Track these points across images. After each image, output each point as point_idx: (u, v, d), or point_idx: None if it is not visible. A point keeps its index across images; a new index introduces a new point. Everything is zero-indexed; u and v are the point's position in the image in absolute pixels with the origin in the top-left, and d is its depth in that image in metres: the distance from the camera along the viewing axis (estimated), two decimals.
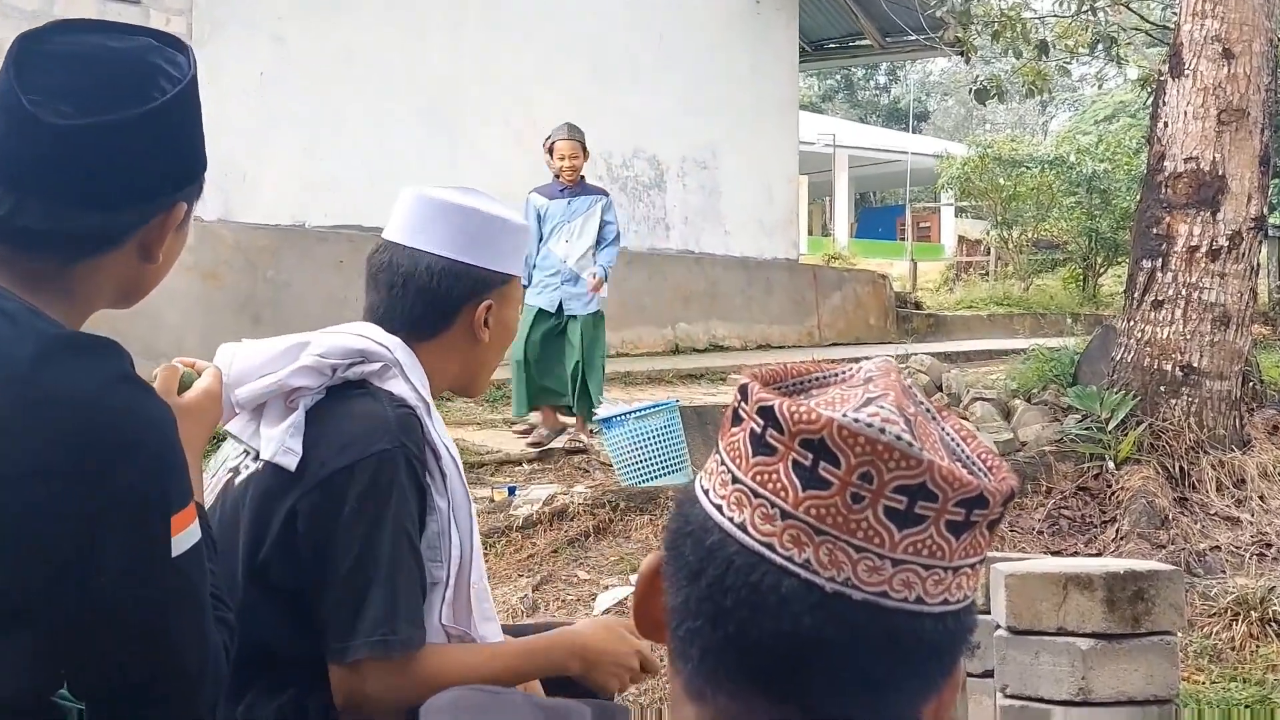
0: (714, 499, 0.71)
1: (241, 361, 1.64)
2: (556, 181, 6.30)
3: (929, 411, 0.75)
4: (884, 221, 29.57)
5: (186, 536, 1.18)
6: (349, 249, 8.67)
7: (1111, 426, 5.30)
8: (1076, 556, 4.63)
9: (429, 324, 1.74)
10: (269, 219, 9.09)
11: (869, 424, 0.67)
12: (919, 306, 15.34)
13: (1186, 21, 5.53)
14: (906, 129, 32.37)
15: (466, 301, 1.75)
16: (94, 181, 1.18)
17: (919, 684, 0.70)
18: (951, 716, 0.74)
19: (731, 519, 0.70)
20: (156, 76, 1.22)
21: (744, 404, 0.71)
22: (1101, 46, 8.73)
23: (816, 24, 14.34)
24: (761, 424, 0.69)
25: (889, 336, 13.30)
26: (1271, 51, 5.57)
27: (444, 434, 1.70)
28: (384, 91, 9.67)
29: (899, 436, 0.67)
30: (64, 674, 1.11)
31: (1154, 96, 5.91)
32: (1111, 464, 5.22)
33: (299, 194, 9.24)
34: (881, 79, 44.46)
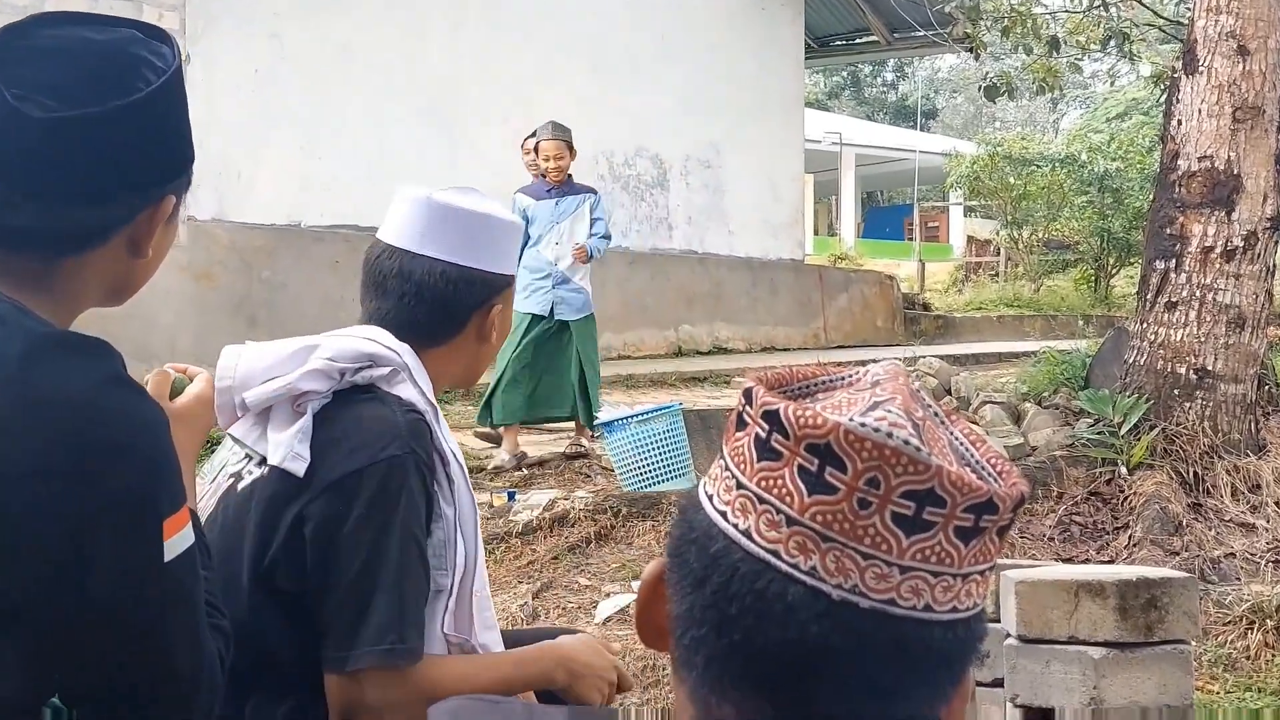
0: (718, 505, 0.72)
1: (247, 364, 1.64)
2: (543, 181, 6.17)
3: (937, 415, 0.75)
4: (891, 221, 29.58)
5: (179, 540, 1.18)
6: (346, 249, 8.67)
7: (1124, 431, 5.30)
8: (1088, 563, 4.62)
9: (441, 331, 1.76)
10: (264, 218, 9.08)
11: (876, 428, 0.67)
12: (927, 308, 15.35)
13: (1201, 17, 5.52)
14: (914, 127, 32.40)
15: (478, 307, 1.77)
16: (80, 175, 1.18)
17: (927, 693, 0.70)
18: None
19: (736, 525, 0.70)
20: (140, 68, 1.22)
21: (749, 408, 0.72)
22: (1114, 42, 8.73)
23: (822, 19, 14.34)
24: (766, 428, 0.70)
25: (896, 338, 13.31)
26: None
27: (450, 439, 1.70)
28: (383, 90, 9.67)
29: (906, 441, 0.67)
30: (58, 677, 1.11)
31: (1167, 94, 5.90)
32: (1124, 469, 5.21)
33: (295, 193, 9.24)
34: (889, 76, 44.49)
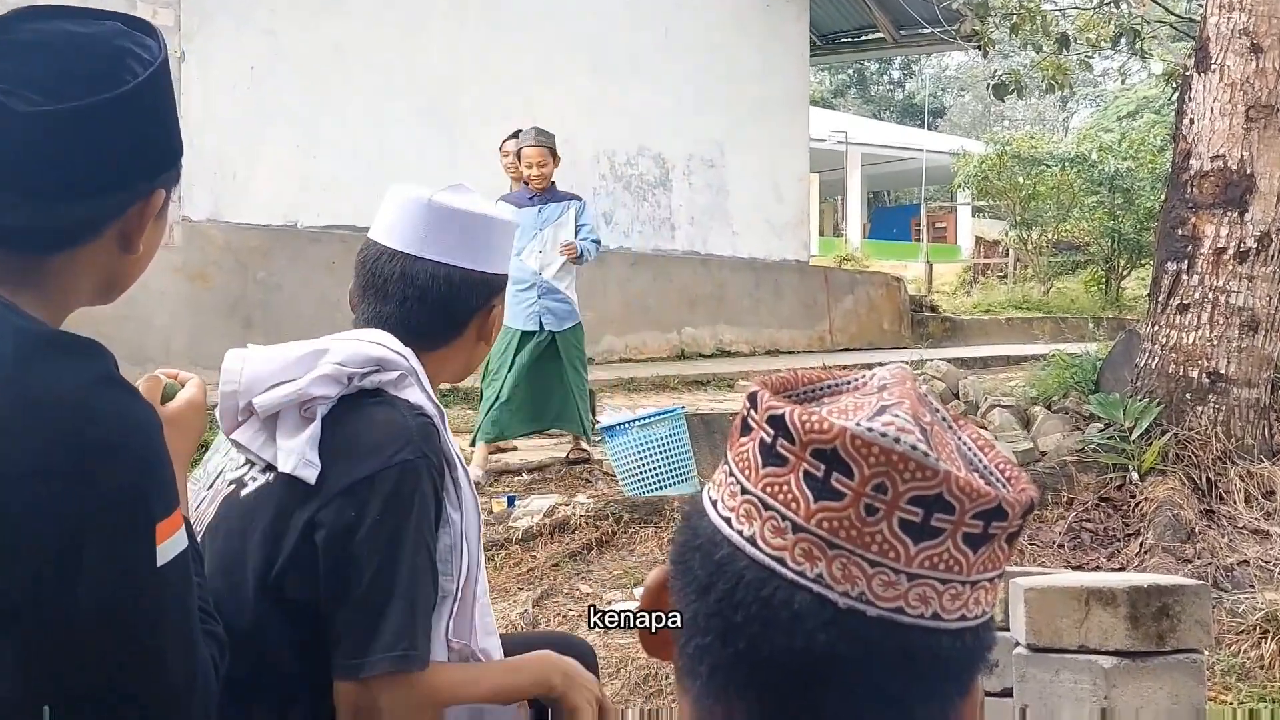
0: (723, 511, 0.72)
1: (253, 369, 1.63)
2: (525, 189, 6.09)
3: (945, 420, 0.75)
4: (898, 222, 29.60)
5: (172, 544, 1.18)
6: (343, 250, 8.67)
7: (1135, 436, 5.29)
8: (1099, 571, 4.62)
9: (443, 334, 1.77)
10: (260, 219, 9.09)
11: (883, 433, 0.67)
12: (935, 310, 15.36)
13: (1213, 14, 5.52)
14: (922, 125, 32.41)
15: (480, 309, 1.79)
16: (68, 170, 1.18)
17: (935, 703, 0.70)
18: None
19: (741, 532, 0.70)
20: (126, 60, 1.22)
21: (753, 412, 0.72)
22: (1125, 40, 8.73)
23: (828, 16, 14.35)
24: (772, 433, 0.70)
25: (903, 341, 13.32)
26: None
27: (454, 444, 1.70)
28: (381, 88, 9.68)
29: (914, 446, 0.67)
30: (55, 679, 1.12)
31: (1179, 92, 5.90)
32: (1135, 474, 5.21)
33: (291, 193, 9.25)
34: (896, 74, 44.51)
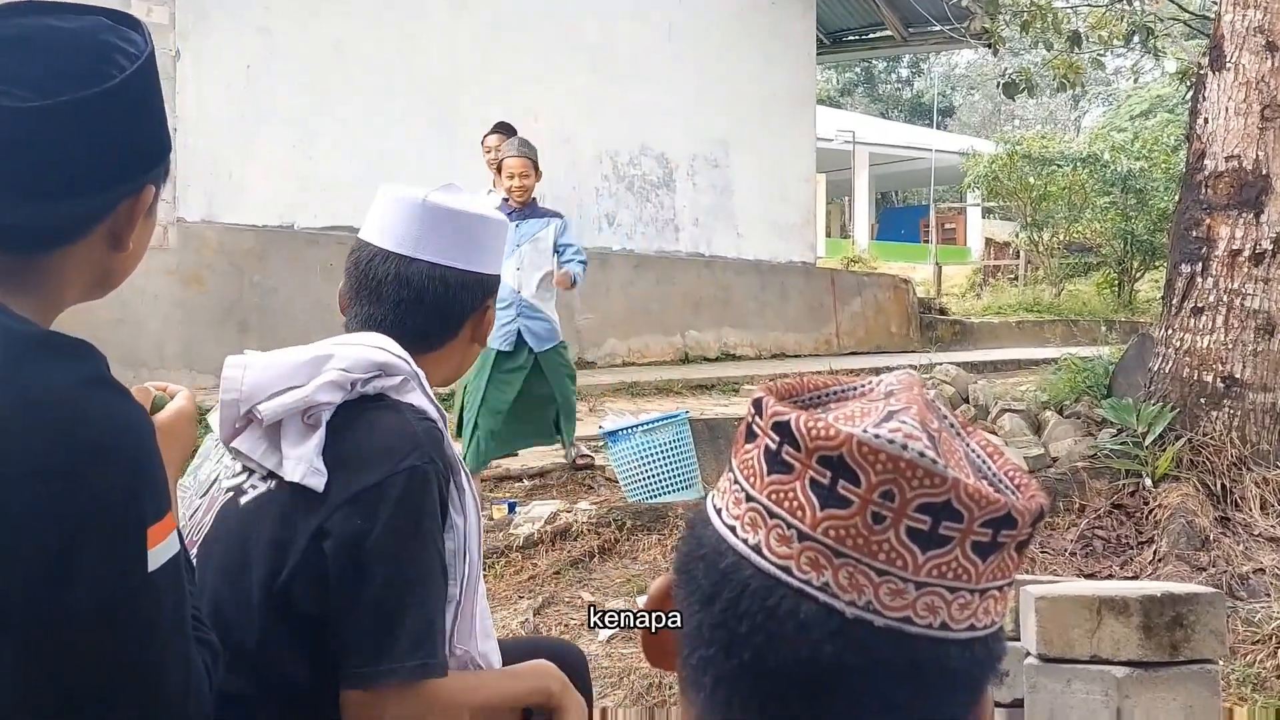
0: (727, 519, 0.72)
1: (254, 376, 1.63)
2: (505, 203, 5.98)
3: (954, 426, 0.75)
4: (907, 223, 29.61)
5: (164, 550, 1.18)
6: (340, 252, 8.63)
7: (1148, 441, 5.28)
8: (1111, 579, 4.61)
9: (438, 335, 1.78)
10: (255, 220, 9.10)
11: (890, 440, 0.67)
12: (944, 313, 15.36)
13: (1228, 12, 5.52)
14: (930, 125, 32.43)
15: (474, 310, 1.81)
16: (56, 167, 1.19)
17: (944, 715, 0.70)
18: None
19: (746, 540, 0.70)
20: (113, 54, 1.22)
21: (758, 419, 0.72)
22: (1137, 38, 8.72)
23: (834, 14, 14.37)
24: (777, 440, 0.70)
25: (912, 345, 13.32)
26: None
27: (454, 447, 1.71)
28: (380, 88, 9.69)
29: (922, 453, 0.67)
30: (50, 683, 1.12)
31: (1193, 91, 5.90)
32: (1148, 481, 5.20)
33: (288, 194, 9.25)
34: (904, 72, 44.53)
